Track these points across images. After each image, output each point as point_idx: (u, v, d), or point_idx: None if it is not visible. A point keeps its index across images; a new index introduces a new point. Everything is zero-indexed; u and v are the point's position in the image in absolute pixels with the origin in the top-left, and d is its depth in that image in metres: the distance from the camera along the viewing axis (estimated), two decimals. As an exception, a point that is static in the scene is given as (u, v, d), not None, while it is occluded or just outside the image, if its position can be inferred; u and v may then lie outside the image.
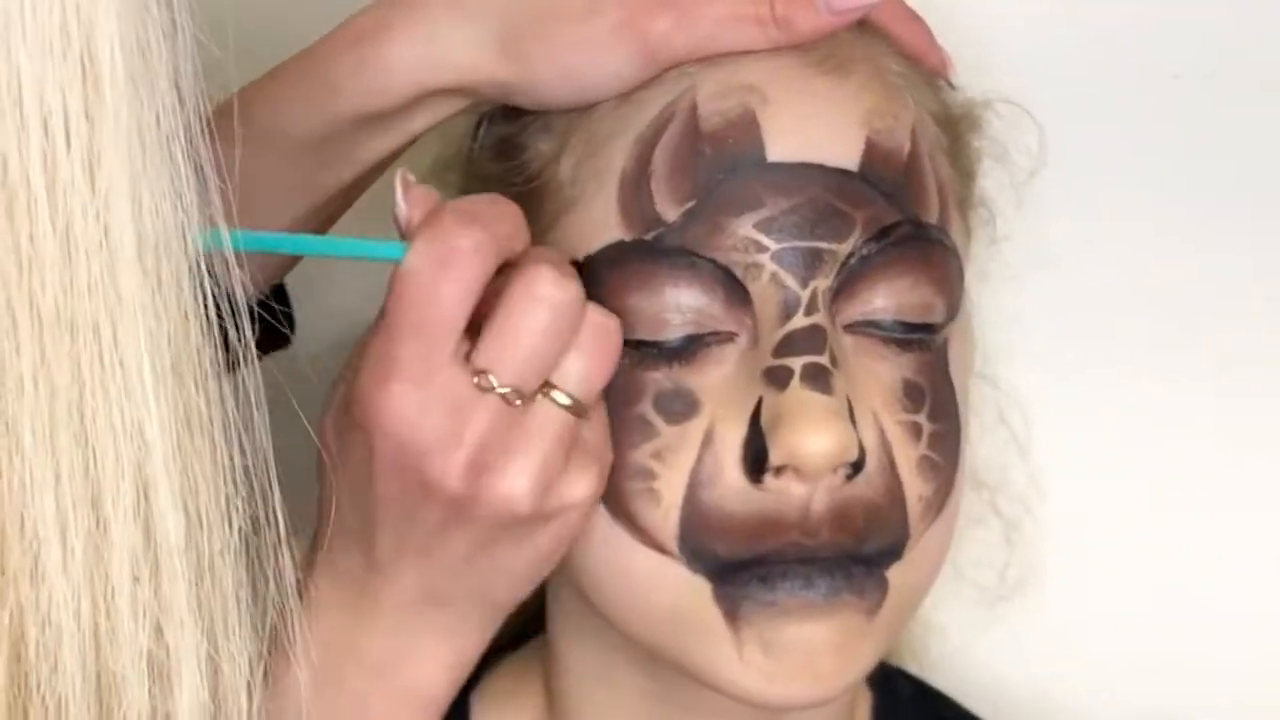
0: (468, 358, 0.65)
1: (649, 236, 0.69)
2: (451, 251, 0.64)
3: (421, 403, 0.64)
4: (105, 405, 0.54)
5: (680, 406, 0.69)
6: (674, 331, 0.68)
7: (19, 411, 0.53)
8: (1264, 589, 0.93)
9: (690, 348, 0.69)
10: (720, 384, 0.69)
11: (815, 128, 0.69)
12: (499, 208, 0.66)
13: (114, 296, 0.54)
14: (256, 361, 0.60)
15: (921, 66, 0.74)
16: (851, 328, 0.70)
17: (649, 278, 0.68)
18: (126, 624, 0.55)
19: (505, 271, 0.66)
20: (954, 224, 0.73)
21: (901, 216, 0.70)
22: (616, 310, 0.68)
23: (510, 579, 0.69)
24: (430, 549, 0.67)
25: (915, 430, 0.70)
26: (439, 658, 0.69)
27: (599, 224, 0.70)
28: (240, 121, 0.61)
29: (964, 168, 0.76)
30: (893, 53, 0.73)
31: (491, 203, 0.67)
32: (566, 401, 0.66)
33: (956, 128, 0.76)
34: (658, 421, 0.69)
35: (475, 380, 0.64)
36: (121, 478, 0.54)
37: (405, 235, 0.66)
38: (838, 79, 0.70)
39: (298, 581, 0.62)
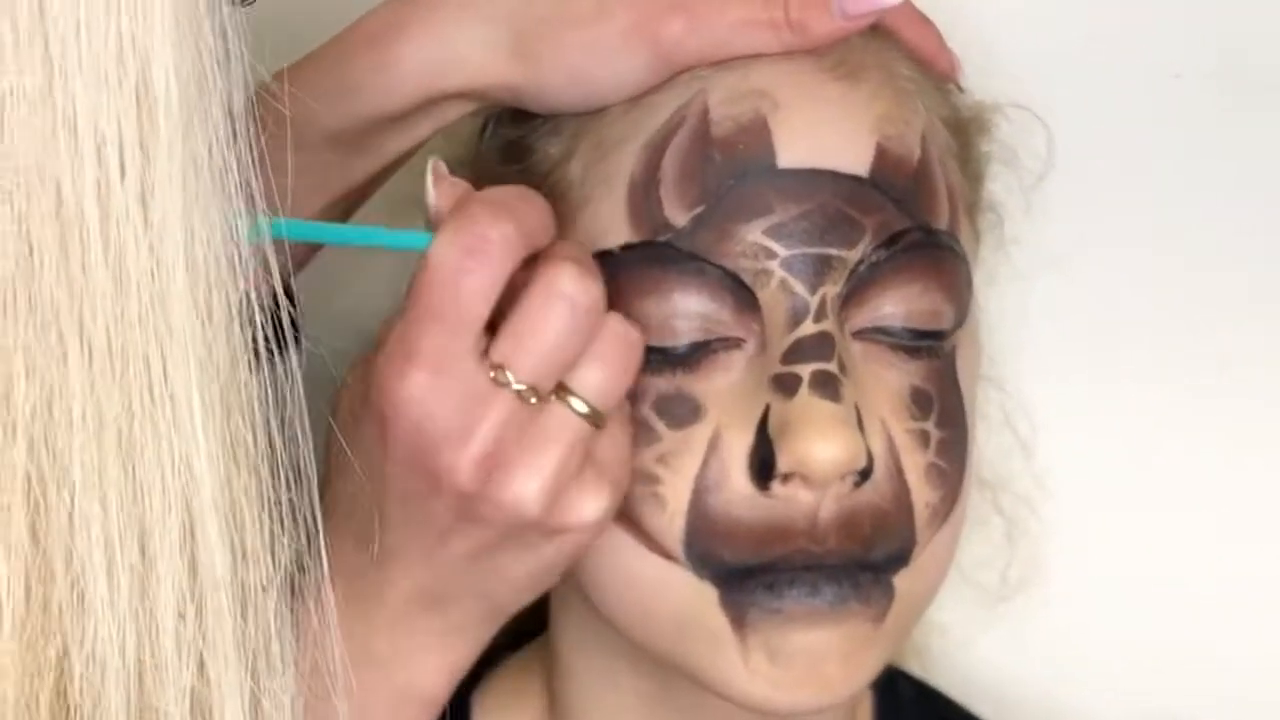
0: (487, 353, 0.64)
1: (658, 241, 0.69)
2: (479, 241, 0.63)
3: (438, 392, 0.63)
4: (154, 438, 0.54)
5: (683, 412, 0.68)
6: (681, 338, 0.68)
7: (68, 443, 0.53)
8: (1265, 587, 0.93)
9: (696, 354, 0.69)
10: (726, 390, 0.69)
11: (826, 134, 0.69)
12: (528, 201, 0.66)
13: (165, 328, 0.54)
14: (301, 389, 0.60)
15: (932, 70, 0.74)
16: (860, 334, 0.70)
17: (657, 283, 0.68)
18: (171, 660, 0.54)
19: (530, 267, 0.65)
20: (963, 229, 0.73)
21: (911, 223, 0.70)
22: (623, 314, 0.68)
23: (512, 586, 0.68)
24: (434, 549, 0.66)
25: (923, 438, 0.70)
26: (438, 658, 0.69)
27: (607, 228, 0.70)
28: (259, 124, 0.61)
29: (973, 172, 0.76)
30: (904, 57, 0.73)
31: (521, 195, 0.66)
32: (584, 409, 0.65)
33: (966, 132, 0.76)
34: (659, 425, 0.68)
35: (492, 375, 0.64)
36: (169, 512, 0.54)
37: (434, 223, 0.65)
38: (849, 85, 0.70)
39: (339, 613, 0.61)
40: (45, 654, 0.53)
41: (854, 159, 0.69)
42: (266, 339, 0.58)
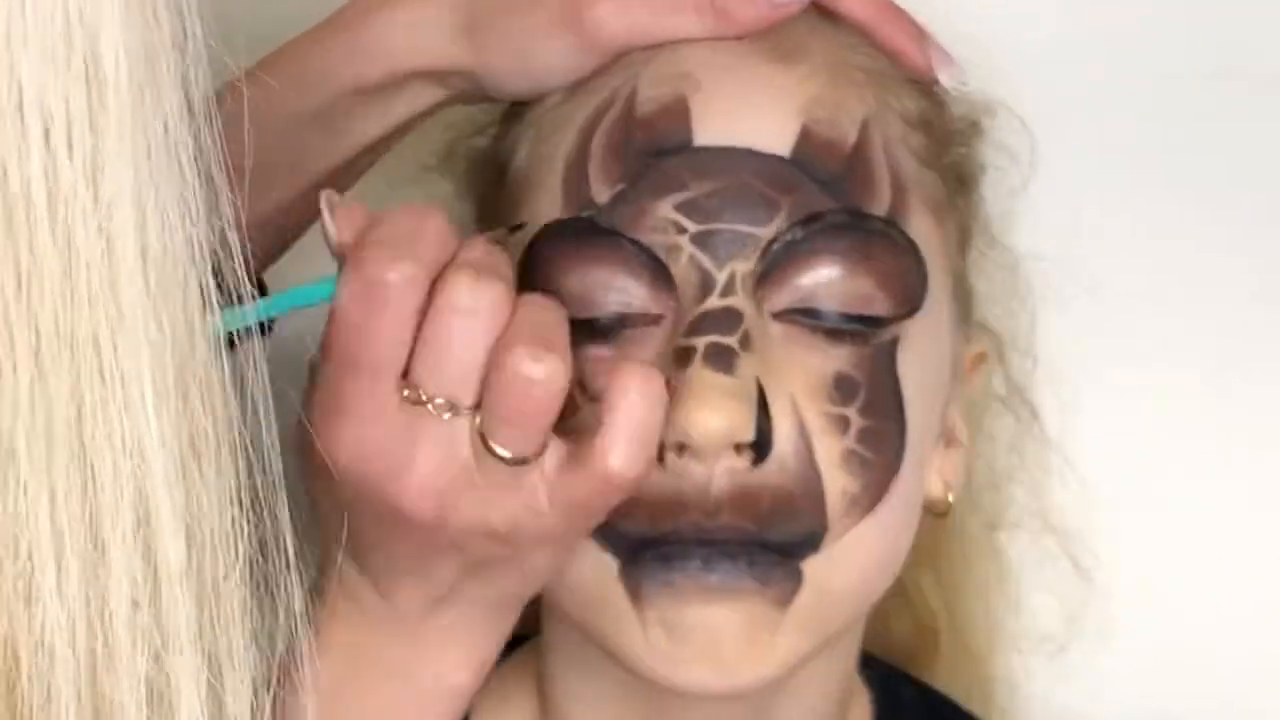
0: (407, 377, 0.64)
1: (580, 216, 0.70)
2: (378, 289, 0.63)
3: (370, 437, 0.64)
4: (104, 422, 0.53)
5: (601, 384, 0.68)
6: (602, 310, 0.70)
7: (15, 429, 0.52)
8: (1266, 588, 0.93)
9: (618, 328, 0.69)
10: None
11: (747, 113, 0.71)
12: (423, 226, 0.65)
13: (115, 310, 0.53)
14: (266, 375, 0.59)
15: (901, 65, 0.74)
16: (781, 315, 0.70)
17: (578, 257, 0.70)
18: (125, 650, 0.53)
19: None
20: (915, 222, 0.72)
21: (835, 205, 0.70)
22: (550, 289, 0.69)
23: (509, 591, 0.68)
24: (420, 570, 0.66)
25: (841, 423, 0.69)
26: (458, 651, 0.69)
27: (547, 208, 0.71)
28: (234, 110, 0.60)
29: (952, 172, 0.76)
30: (867, 49, 0.74)
31: (417, 220, 0.66)
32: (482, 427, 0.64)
33: (943, 130, 0.76)
34: (581, 399, 0.68)
35: (406, 394, 0.63)
36: (120, 498, 0.53)
37: (337, 257, 0.65)
38: (781, 67, 0.71)
39: (306, 607, 0.60)
40: None
41: (775, 139, 0.70)
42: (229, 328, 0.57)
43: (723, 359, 0.67)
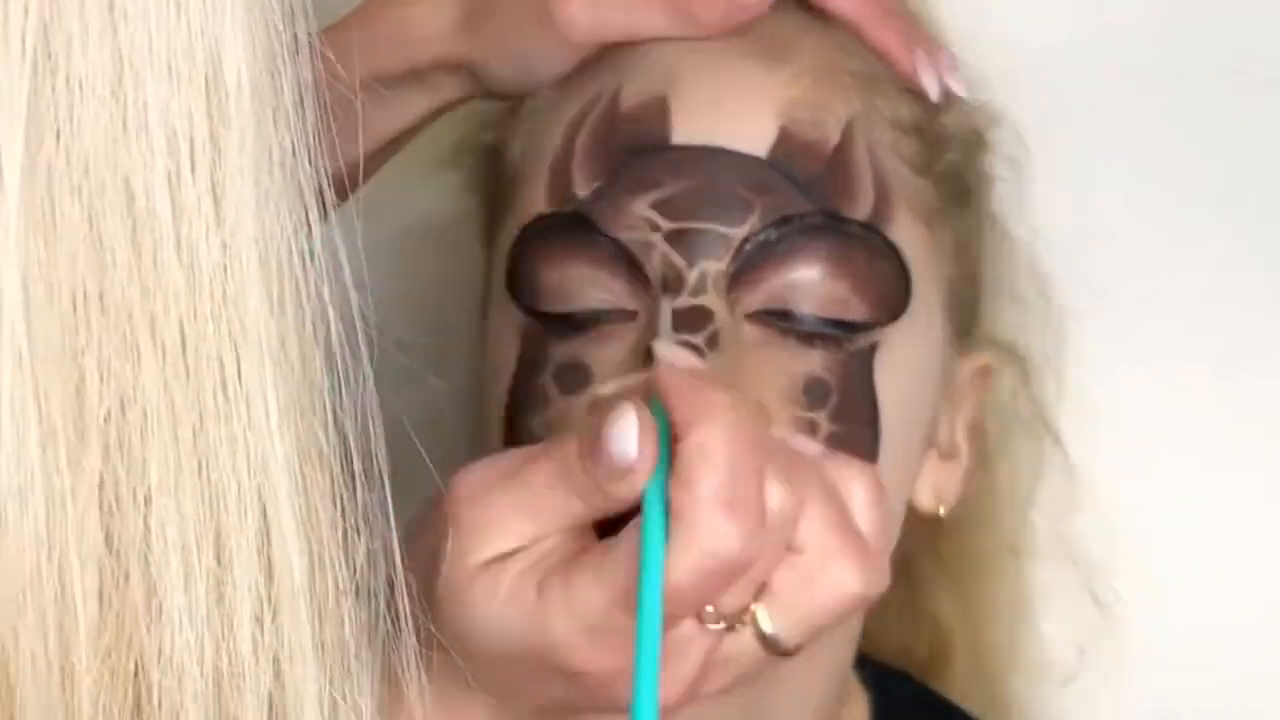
0: None
1: (561, 211, 0.71)
2: (722, 565, 0.59)
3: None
4: (229, 439, 0.52)
5: (575, 379, 0.69)
6: (578, 305, 0.70)
7: (143, 446, 0.51)
8: (1269, 585, 0.94)
9: (593, 322, 0.70)
10: (612, 360, 0.70)
11: (725, 113, 0.71)
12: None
13: (239, 326, 0.52)
14: (375, 394, 0.58)
15: (892, 70, 0.74)
16: (754, 317, 0.70)
17: (556, 251, 0.70)
18: (249, 667, 0.53)
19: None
20: (905, 229, 0.72)
21: (813, 207, 0.70)
22: (532, 283, 0.70)
23: None
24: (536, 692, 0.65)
25: (809, 428, 0.69)
26: None
27: (533, 204, 0.73)
28: None
29: (947, 179, 0.75)
30: (860, 51, 0.74)
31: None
32: (769, 629, 0.62)
33: (935, 136, 0.75)
34: (553, 392, 0.70)
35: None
36: (245, 515, 0.52)
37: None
38: (764, 66, 0.72)
39: (414, 618, 0.60)
40: (123, 665, 0.51)
41: (752, 139, 0.71)
42: (340, 335, 0.57)
43: None
